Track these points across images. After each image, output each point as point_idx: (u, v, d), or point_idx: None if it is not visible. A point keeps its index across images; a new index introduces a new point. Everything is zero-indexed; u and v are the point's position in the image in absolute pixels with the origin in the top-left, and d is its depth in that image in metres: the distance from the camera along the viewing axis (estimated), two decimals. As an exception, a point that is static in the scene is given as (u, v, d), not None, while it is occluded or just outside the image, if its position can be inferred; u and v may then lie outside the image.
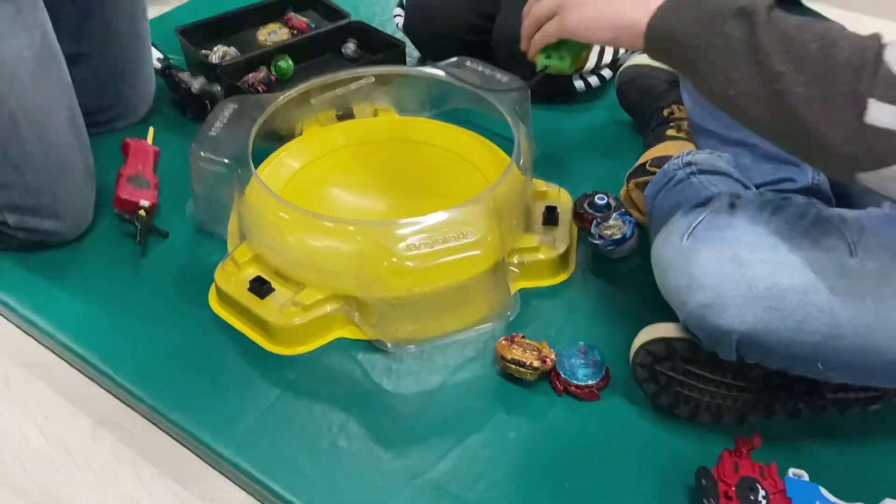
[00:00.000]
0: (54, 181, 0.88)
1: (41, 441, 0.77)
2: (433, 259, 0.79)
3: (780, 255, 0.65)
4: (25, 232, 0.89)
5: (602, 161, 1.06)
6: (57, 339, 0.84)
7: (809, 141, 0.54)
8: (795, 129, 0.54)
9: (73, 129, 0.91)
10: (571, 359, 0.79)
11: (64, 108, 0.90)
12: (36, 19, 0.88)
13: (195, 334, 0.84)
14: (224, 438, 0.74)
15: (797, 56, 0.52)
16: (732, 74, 0.55)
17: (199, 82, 1.09)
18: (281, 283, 0.84)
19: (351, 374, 0.80)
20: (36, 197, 0.88)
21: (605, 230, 0.91)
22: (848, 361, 0.66)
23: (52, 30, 0.91)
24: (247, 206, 0.87)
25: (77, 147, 0.91)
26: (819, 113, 0.52)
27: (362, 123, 1.04)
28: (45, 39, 0.89)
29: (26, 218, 0.88)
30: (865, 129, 0.51)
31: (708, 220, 0.69)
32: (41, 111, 0.87)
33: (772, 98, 0.54)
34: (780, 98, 0.53)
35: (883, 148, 0.51)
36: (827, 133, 0.52)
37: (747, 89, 0.55)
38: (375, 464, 0.73)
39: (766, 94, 0.54)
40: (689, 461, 0.71)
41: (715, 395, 0.74)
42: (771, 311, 0.64)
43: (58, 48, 0.91)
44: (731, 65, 0.55)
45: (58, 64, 0.91)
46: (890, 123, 0.50)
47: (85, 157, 0.93)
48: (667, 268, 0.70)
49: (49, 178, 0.88)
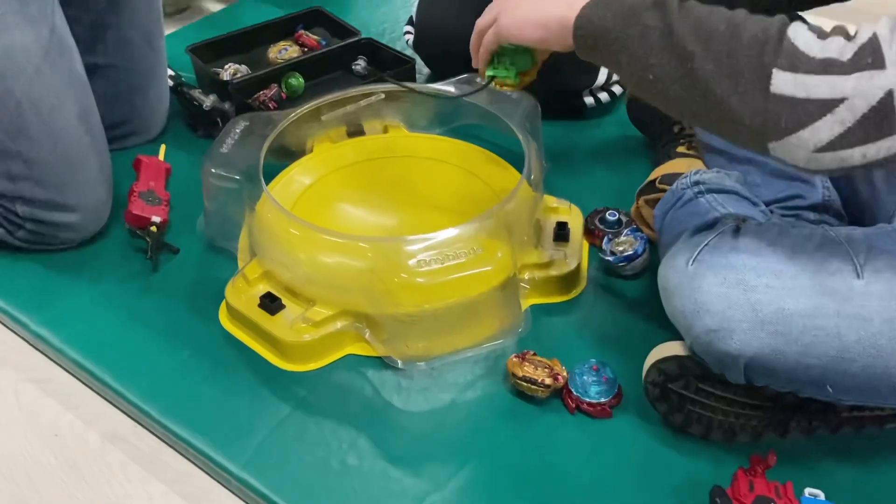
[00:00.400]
0: (63, 174, 0.88)
1: (50, 457, 0.77)
2: (444, 275, 0.79)
3: (786, 280, 0.65)
4: (34, 223, 0.89)
5: (613, 177, 1.06)
6: (67, 354, 0.84)
7: (722, 116, 0.56)
8: (709, 105, 0.56)
9: (85, 124, 0.91)
10: (584, 376, 0.78)
11: (74, 102, 0.90)
12: (43, 12, 0.87)
13: (205, 351, 0.83)
14: (233, 455, 0.74)
15: (706, 37, 0.55)
16: (650, 60, 0.58)
17: (210, 100, 1.10)
18: (291, 299, 0.84)
19: (361, 392, 0.80)
20: (45, 189, 0.88)
21: (617, 246, 0.90)
22: (858, 384, 0.66)
23: (64, 25, 0.91)
24: (257, 222, 0.87)
25: (90, 143, 0.91)
26: (728, 87, 0.54)
27: (372, 140, 1.05)
28: (55, 33, 0.88)
29: (36, 210, 0.88)
30: (770, 98, 0.53)
31: (713, 244, 0.68)
32: (49, 104, 0.87)
33: (685, 77, 0.56)
34: (693, 76, 0.56)
35: (787, 116, 0.53)
36: (737, 106, 0.54)
37: (664, 72, 0.58)
38: (385, 482, 0.72)
39: (680, 74, 0.57)
40: (703, 480, 0.70)
41: (728, 413, 0.73)
42: (777, 335, 0.64)
43: (70, 45, 0.91)
44: (649, 51, 0.58)
45: (68, 58, 0.90)
46: (792, 91, 0.52)
47: (99, 154, 0.93)
48: (672, 292, 0.69)
49: (58, 171, 0.88)
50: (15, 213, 0.89)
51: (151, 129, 1.10)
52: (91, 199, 0.91)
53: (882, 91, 0.52)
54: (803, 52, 0.53)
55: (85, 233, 0.92)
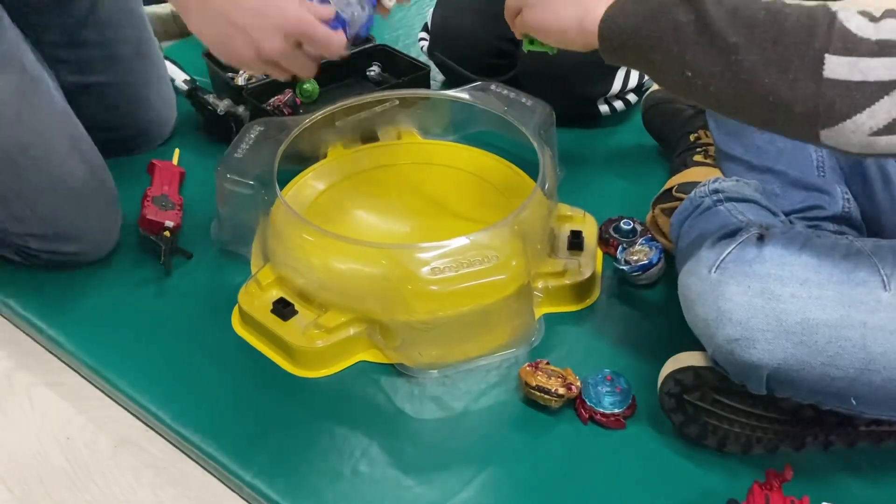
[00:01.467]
0: (69, 210, 0.88)
1: (62, 461, 0.77)
2: (457, 283, 0.78)
3: (811, 289, 0.64)
4: (49, 254, 0.90)
5: (628, 185, 1.05)
6: (80, 358, 0.84)
7: (771, 106, 0.55)
8: (756, 96, 0.55)
9: (79, 155, 0.90)
10: (597, 386, 0.78)
11: (63, 137, 0.89)
12: (10, 56, 0.86)
13: (218, 356, 0.83)
14: (245, 462, 0.74)
15: (748, 25, 0.54)
16: (686, 56, 0.57)
17: (224, 104, 1.10)
18: (304, 305, 0.83)
19: (373, 399, 0.80)
20: (53, 226, 0.88)
21: (631, 255, 0.90)
22: (883, 396, 0.65)
23: (32, 60, 0.89)
24: (271, 227, 0.87)
25: (86, 171, 0.90)
26: (777, 76, 0.53)
27: (386, 146, 1.05)
28: (24, 73, 0.87)
29: (47, 244, 0.89)
30: (824, 83, 0.52)
31: (736, 252, 0.68)
32: (37, 145, 0.86)
33: (729, 70, 0.55)
34: (737, 68, 0.55)
35: (842, 100, 0.52)
36: (787, 95, 0.53)
37: (704, 68, 0.56)
38: (397, 491, 0.72)
39: (722, 68, 0.55)
40: (718, 493, 0.69)
41: (745, 426, 0.72)
42: (802, 346, 0.63)
43: (42, 77, 0.90)
44: (685, 48, 0.56)
45: (45, 94, 0.89)
46: (847, 75, 0.51)
47: (100, 182, 0.92)
48: (694, 300, 0.69)
49: (63, 207, 0.88)
50: (28, 247, 0.89)
51: (158, 138, 1.09)
52: (99, 225, 0.91)
53: None
54: (856, 35, 0.52)
55: (100, 253, 0.92)
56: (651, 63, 0.61)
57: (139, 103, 1.05)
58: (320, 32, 0.72)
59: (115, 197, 0.94)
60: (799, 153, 0.84)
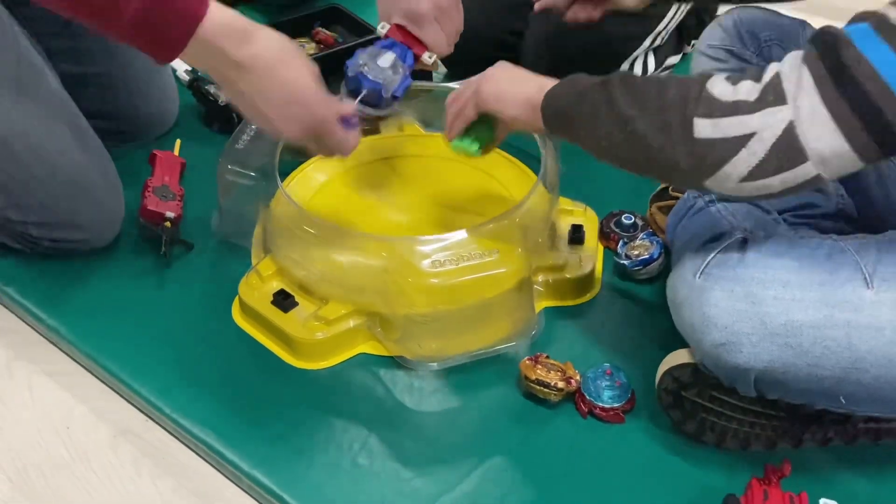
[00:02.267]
0: (70, 197, 0.88)
1: (62, 450, 0.77)
2: (458, 276, 0.78)
3: (794, 291, 0.64)
4: (51, 241, 0.90)
5: (629, 180, 1.03)
6: (80, 348, 0.84)
7: (662, 165, 0.63)
8: (651, 158, 0.64)
9: (81, 143, 0.90)
10: (597, 380, 0.78)
11: (62, 124, 0.88)
12: (3, 43, 0.85)
13: (218, 347, 0.83)
14: (244, 453, 0.74)
15: (640, 100, 0.64)
16: (599, 130, 0.66)
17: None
18: (304, 296, 0.83)
19: (373, 391, 0.80)
20: (54, 214, 0.88)
21: (632, 250, 0.90)
22: (871, 395, 0.65)
23: (28, 47, 0.89)
24: (272, 219, 0.87)
25: (87, 159, 0.90)
26: (663, 140, 0.62)
27: (388, 139, 1.04)
28: (21, 61, 0.87)
29: (48, 231, 0.89)
30: (696, 142, 0.61)
31: (720, 257, 0.68)
32: (36, 133, 0.86)
33: (628, 139, 0.64)
34: (633, 136, 0.64)
35: (711, 155, 0.60)
36: (672, 155, 0.62)
37: (612, 139, 0.66)
38: (396, 483, 0.72)
39: (623, 137, 0.65)
40: (716, 488, 0.70)
41: (742, 422, 0.72)
42: (787, 348, 0.64)
43: (40, 65, 0.89)
44: (598, 122, 0.66)
45: (43, 82, 0.89)
46: (710, 133, 0.60)
47: (101, 169, 0.91)
48: (681, 305, 0.69)
49: (65, 195, 0.87)
50: (30, 234, 0.89)
51: (159, 129, 1.08)
52: (101, 213, 0.91)
53: (784, 123, 0.58)
54: (717, 99, 0.61)
55: (102, 241, 0.92)
56: (578, 137, 0.69)
57: (139, 95, 1.04)
58: (335, 137, 0.75)
59: (117, 186, 0.94)
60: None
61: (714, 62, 0.89)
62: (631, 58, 1.13)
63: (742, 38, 0.88)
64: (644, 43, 1.14)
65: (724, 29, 0.89)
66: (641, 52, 1.15)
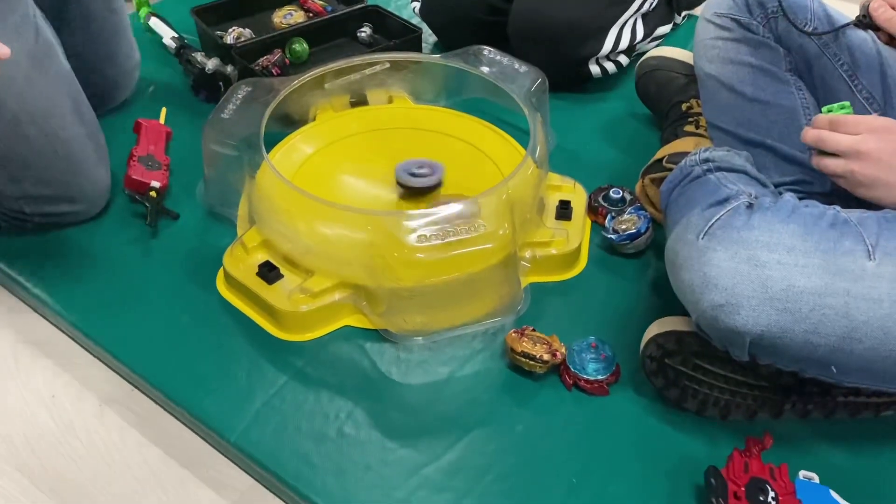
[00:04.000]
0: (65, 171, 0.88)
1: (48, 420, 0.77)
2: (444, 251, 0.78)
3: (797, 257, 0.65)
4: (42, 216, 0.89)
5: (618, 154, 1.05)
6: (65, 317, 0.83)
7: None
8: None
9: (79, 116, 0.90)
10: (582, 353, 0.78)
11: (67, 98, 0.89)
12: (26, 18, 0.86)
13: (203, 317, 0.83)
14: (230, 422, 0.74)
15: None
16: None
17: (213, 63, 1.08)
18: (290, 269, 0.83)
19: (358, 363, 0.80)
20: (49, 187, 0.88)
21: (620, 224, 0.90)
22: (863, 366, 0.65)
23: (44, 24, 0.90)
24: (257, 190, 0.86)
25: (84, 133, 0.90)
26: None
27: (376, 110, 1.03)
28: (39, 36, 0.87)
29: (41, 206, 0.89)
30: None
31: (725, 219, 0.68)
32: (43, 109, 0.86)
33: None
34: None
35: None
36: None
37: None
38: (381, 453, 0.72)
39: None
40: (698, 460, 0.71)
41: (724, 391, 0.73)
42: (786, 313, 0.64)
43: (52, 40, 0.90)
44: None
45: (55, 57, 0.89)
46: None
47: (95, 141, 0.92)
48: (681, 266, 0.69)
49: (60, 169, 0.88)
50: (22, 211, 0.89)
51: (124, 91, 1.07)
52: (93, 186, 0.91)
53: None
54: None
55: (91, 214, 0.92)
56: None
57: (107, 58, 1.04)
58: None
59: (106, 156, 0.94)
60: (791, 124, 0.84)
61: (720, 30, 0.88)
62: (619, 23, 1.11)
63: (749, 7, 0.87)
64: (631, 7, 1.12)
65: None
66: (630, 17, 1.13)
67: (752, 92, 0.85)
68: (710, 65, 0.89)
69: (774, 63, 0.86)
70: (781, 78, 0.85)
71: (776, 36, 0.86)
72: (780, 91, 0.85)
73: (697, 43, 0.91)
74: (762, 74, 0.86)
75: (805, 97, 0.85)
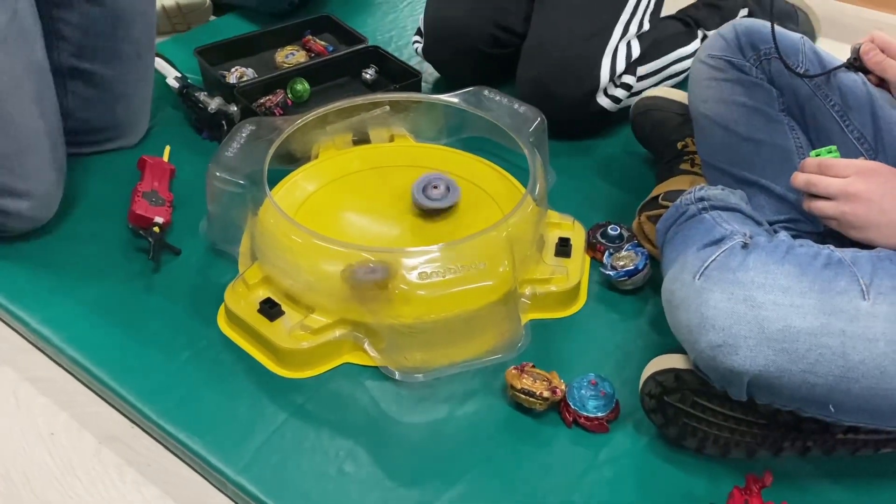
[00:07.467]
0: (13, 157, 0.88)
1: (47, 458, 0.77)
2: (444, 288, 0.79)
3: (793, 297, 0.65)
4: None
5: (616, 192, 1.06)
6: (66, 353, 0.84)
7: None
8: None
9: (39, 108, 0.90)
10: (582, 390, 0.78)
11: (29, 86, 0.89)
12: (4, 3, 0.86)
13: (204, 354, 0.83)
14: (230, 460, 0.74)
15: None
16: None
17: (215, 102, 1.10)
18: (291, 305, 0.84)
19: (359, 401, 0.80)
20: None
21: (618, 261, 0.91)
22: (860, 405, 0.66)
23: (30, 12, 0.90)
24: (260, 227, 0.87)
25: (42, 127, 0.91)
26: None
27: (378, 149, 1.05)
28: (16, 19, 0.88)
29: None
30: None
31: (721, 259, 0.69)
32: (2, 88, 0.86)
33: None
34: None
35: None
36: None
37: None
38: (382, 492, 0.72)
39: None
40: (698, 497, 0.71)
41: (723, 428, 0.73)
42: (783, 353, 0.65)
43: (33, 32, 0.91)
44: None
45: (28, 45, 0.90)
46: None
47: (53, 141, 0.92)
48: (678, 306, 0.70)
49: (8, 154, 0.88)
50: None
51: (133, 136, 1.09)
52: (41, 184, 0.91)
53: None
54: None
55: (34, 222, 0.92)
56: None
57: (120, 101, 1.05)
58: None
59: (62, 167, 0.94)
60: (785, 163, 0.86)
61: (713, 71, 0.90)
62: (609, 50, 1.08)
63: (742, 49, 0.89)
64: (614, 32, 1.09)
65: (726, 39, 0.90)
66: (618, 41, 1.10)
67: (746, 131, 0.87)
68: (704, 104, 0.91)
69: (768, 103, 0.88)
70: (775, 118, 0.87)
71: (769, 77, 0.88)
72: (773, 131, 0.87)
73: (692, 83, 0.93)
74: (756, 114, 0.87)
75: (798, 137, 0.87)
